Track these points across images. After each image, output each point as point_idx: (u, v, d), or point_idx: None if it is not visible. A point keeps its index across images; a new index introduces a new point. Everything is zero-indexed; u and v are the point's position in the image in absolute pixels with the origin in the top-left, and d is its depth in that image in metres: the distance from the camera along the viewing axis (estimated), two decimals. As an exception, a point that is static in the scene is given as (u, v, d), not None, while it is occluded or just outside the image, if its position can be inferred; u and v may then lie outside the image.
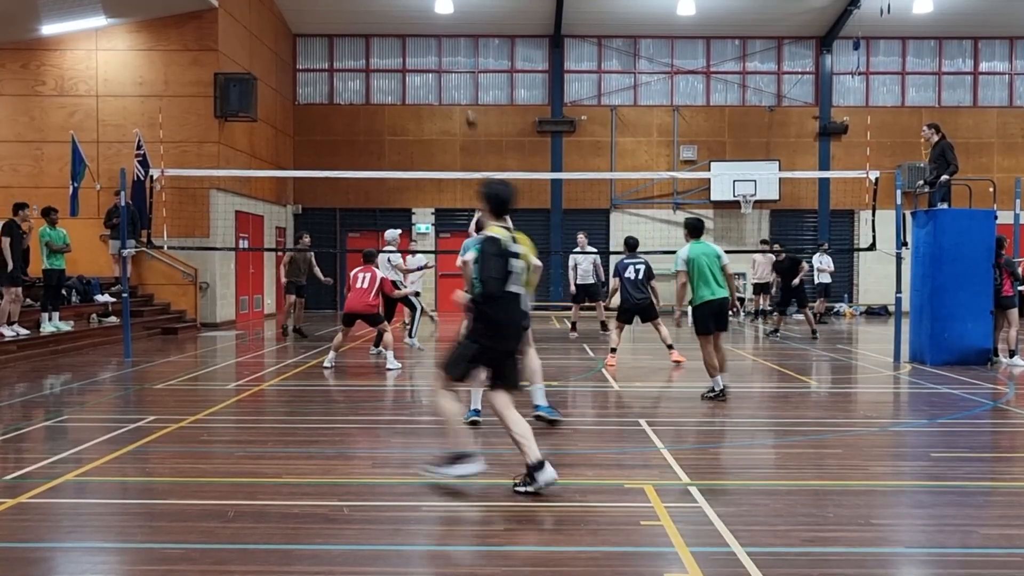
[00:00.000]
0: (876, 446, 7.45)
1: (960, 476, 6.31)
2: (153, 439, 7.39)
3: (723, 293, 9.50)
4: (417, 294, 15.40)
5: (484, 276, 5.71)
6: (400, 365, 12.18)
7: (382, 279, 12.41)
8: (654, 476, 6.17)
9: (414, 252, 16.66)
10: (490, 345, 5.78)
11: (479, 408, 7.96)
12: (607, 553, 4.60)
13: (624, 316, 12.77)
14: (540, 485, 5.57)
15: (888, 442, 7.69)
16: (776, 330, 17.70)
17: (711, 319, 9.52)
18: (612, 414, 9.12)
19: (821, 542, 4.81)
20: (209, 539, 4.83)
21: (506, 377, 5.86)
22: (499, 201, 6.07)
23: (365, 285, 12.08)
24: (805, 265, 18.23)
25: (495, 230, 5.91)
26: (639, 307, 12.61)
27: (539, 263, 8.31)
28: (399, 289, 14.01)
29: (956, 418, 8.59)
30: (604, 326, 17.08)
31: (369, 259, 12.55)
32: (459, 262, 7.07)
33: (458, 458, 5.77)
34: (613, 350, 12.86)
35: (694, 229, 9.76)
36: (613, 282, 12.96)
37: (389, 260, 14.37)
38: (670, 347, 12.66)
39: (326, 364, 12.12)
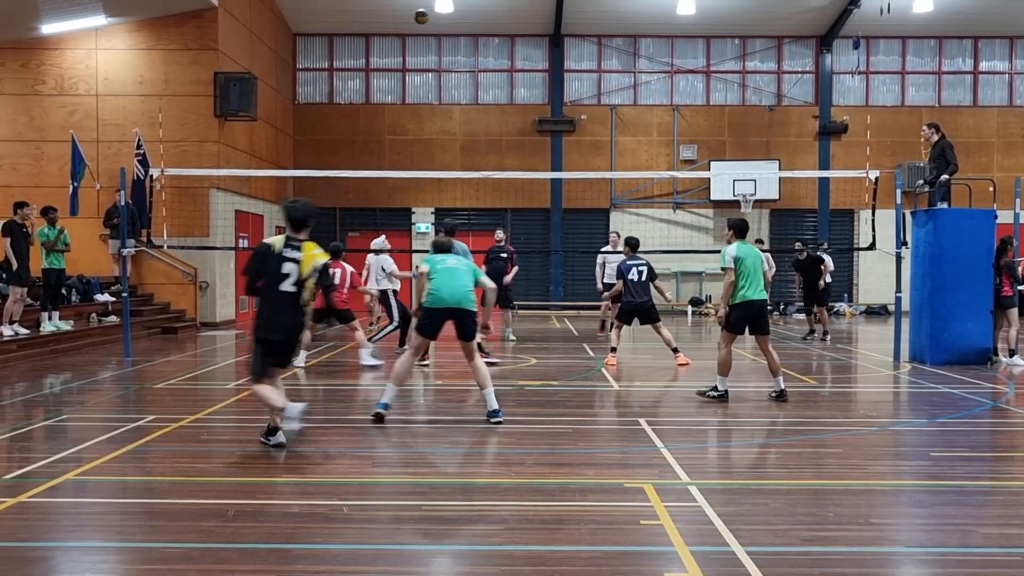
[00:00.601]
0: (876, 445, 7.45)
1: (960, 475, 6.32)
2: (153, 438, 7.39)
3: (764, 295, 9.47)
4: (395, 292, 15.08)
5: (246, 274, 6.95)
6: (382, 361, 12.23)
7: (352, 274, 12.35)
8: (654, 475, 6.17)
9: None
10: (260, 336, 6.89)
11: (496, 408, 8.09)
12: (607, 552, 4.61)
13: (625, 317, 12.77)
14: (290, 419, 6.67)
15: (888, 441, 7.70)
16: (812, 331, 17.32)
17: (747, 320, 9.46)
18: (612, 413, 9.12)
19: (821, 541, 4.81)
20: (209, 538, 4.83)
21: (278, 361, 6.99)
22: (289, 218, 7.03)
23: (336, 282, 12.07)
24: (828, 263, 17.36)
25: (274, 238, 7.00)
26: (640, 309, 12.60)
27: (491, 284, 8.60)
28: (386, 295, 13.70)
29: (956, 417, 8.60)
30: (604, 326, 17.06)
31: (336, 254, 12.45)
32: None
33: (272, 431, 6.93)
34: (613, 349, 12.86)
35: (741, 229, 9.60)
36: (618, 283, 12.91)
37: (383, 269, 14.28)
38: (675, 350, 12.64)
39: (299, 364, 12.13)
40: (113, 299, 16.73)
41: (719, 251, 16.00)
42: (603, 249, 17.65)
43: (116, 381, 11.10)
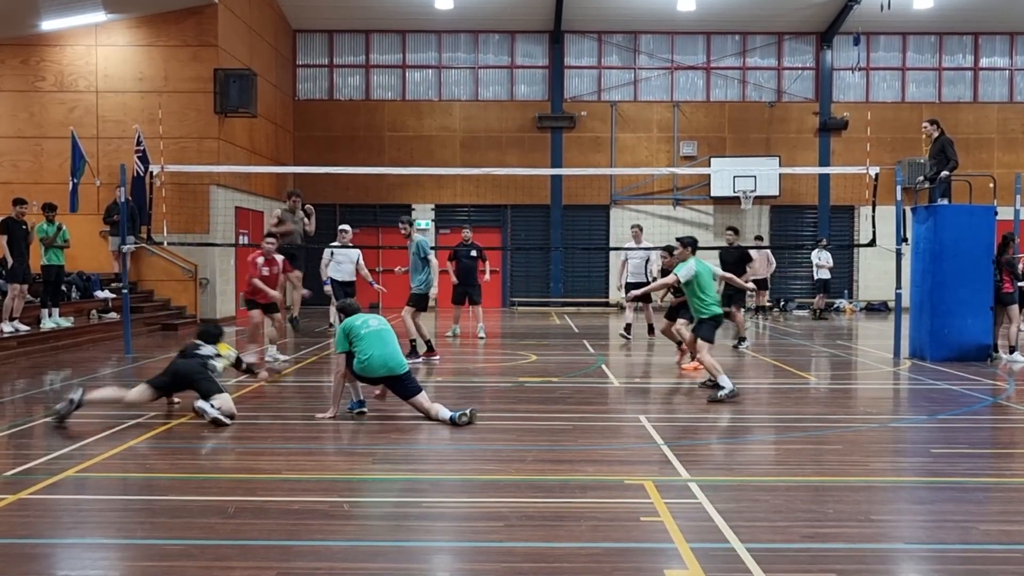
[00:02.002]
0: (876, 442, 7.45)
1: (960, 472, 6.32)
2: (153, 435, 7.40)
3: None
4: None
5: None
6: (286, 359, 12.32)
7: (283, 261, 12.25)
8: (654, 472, 6.17)
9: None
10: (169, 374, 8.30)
11: (452, 412, 7.89)
12: (607, 549, 4.61)
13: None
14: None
15: (888, 438, 7.70)
16: (742, 339, 14.52)
17: (718, 329, 9.87)
18: (612, 410, 9.11)
19: (821, 538, 4.81)
20: (209, 535, 4.83)
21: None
22: (206, 335, 8.81)
23: (267, 272, 12.07)
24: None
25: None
26: None
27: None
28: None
29: (956, 414, 8.60)
30: (652, 330, 15.88)
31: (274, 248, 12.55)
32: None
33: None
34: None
35: (694, 246, 10.05)
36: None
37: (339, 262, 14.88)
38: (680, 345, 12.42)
39: (279, 358, 12.18)
40: (113, 296, 16.73)
41: (720, 248, 15.53)
42: (626, 245, 16.57)
43: (116, 378, 11.09)
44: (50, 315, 14.45)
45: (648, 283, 15.89)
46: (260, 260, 11.96)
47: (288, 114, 25.35)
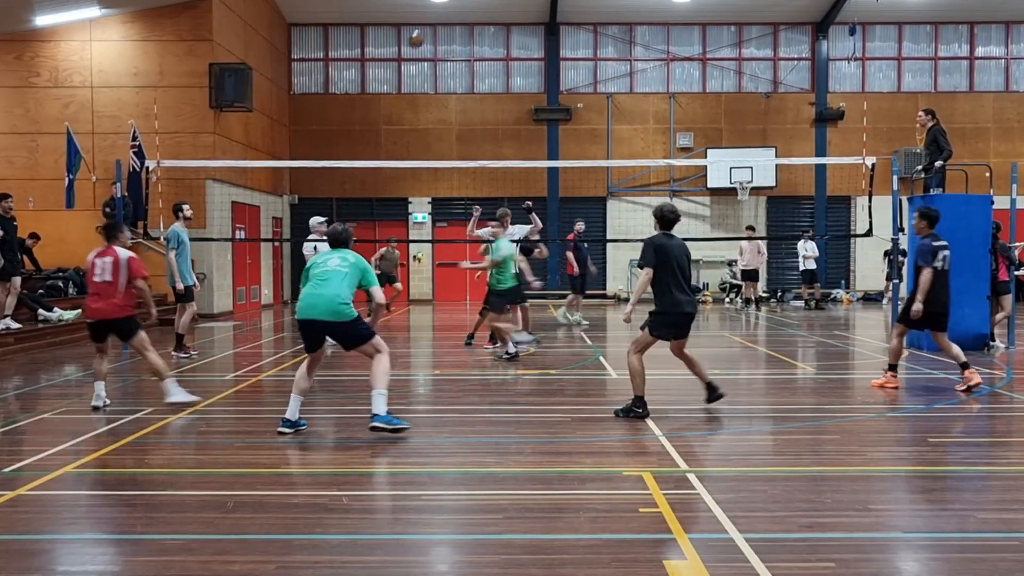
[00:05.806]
0: (873, 432, 7.47)
1: (957, 461, 6.34)
2: (152, 430, 7.39)
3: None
4: None
5: None
6: (195, 398, 8.57)
7: (129, 260, 8.24)
8: (652, 463, 6.19)
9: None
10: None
11: (377, 412, 7.01)
12: (606, 540, 4.62)
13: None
14: None
15: (885, 428, 7.71)
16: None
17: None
18: (610, 402, 9.11)
19: (819, 528, 4.83)
20: (209, 530, 4.84)
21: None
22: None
23: (108, 277, 8.17)
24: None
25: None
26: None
27: (380, 298, 7.45)
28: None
29: (953, 403, 8.62)
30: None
31: (112, 235, 8.52)
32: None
33: None
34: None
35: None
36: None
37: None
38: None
39: (95, 404, 8.28)
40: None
41: (716, 239, 15.61)
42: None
43: (114, 373, 11.06)
44: (49, 309, 14.40)
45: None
46: (90, 256, 8.40)
47: (284, 108, 25.30)
